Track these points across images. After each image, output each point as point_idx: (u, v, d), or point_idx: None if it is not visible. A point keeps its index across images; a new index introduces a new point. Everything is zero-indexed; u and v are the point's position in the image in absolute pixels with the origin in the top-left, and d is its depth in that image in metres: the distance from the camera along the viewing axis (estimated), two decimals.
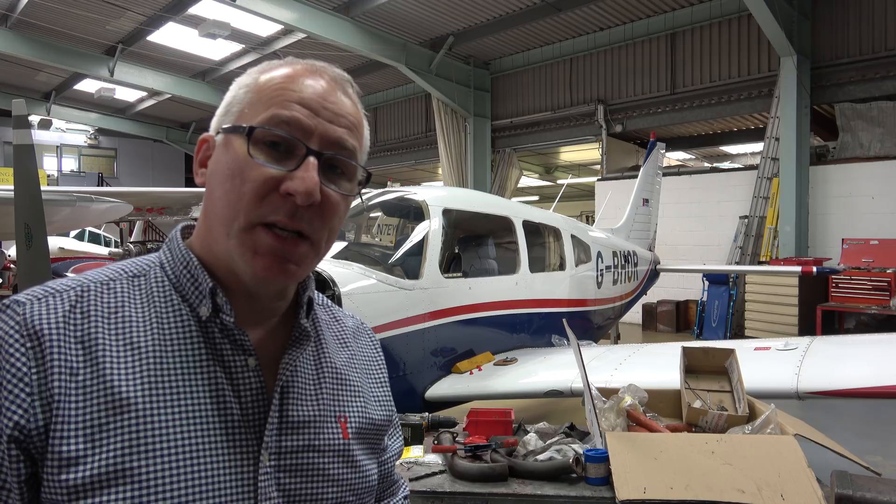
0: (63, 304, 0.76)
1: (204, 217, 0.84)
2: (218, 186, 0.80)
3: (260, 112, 0.80)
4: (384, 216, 5.91)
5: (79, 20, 13.84)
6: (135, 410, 0.72)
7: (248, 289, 0.82)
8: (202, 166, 0.86)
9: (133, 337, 0.76)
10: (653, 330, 12.05)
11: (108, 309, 0.78)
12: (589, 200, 16.70)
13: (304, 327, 0.87)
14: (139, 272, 0.84)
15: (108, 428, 0.71)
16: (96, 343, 0.74)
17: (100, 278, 0.81)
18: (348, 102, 0.85)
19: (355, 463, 0.89)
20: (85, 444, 0.70)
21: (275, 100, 0.80)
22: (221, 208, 0.80)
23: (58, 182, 21.81)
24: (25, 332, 0.72)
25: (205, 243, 0.84)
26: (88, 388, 0.72)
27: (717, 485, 2.17)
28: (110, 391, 0.72)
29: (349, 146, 0.83)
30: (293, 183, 0.76)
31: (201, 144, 0.86)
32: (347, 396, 0.93)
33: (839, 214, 10.52)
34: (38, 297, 0.76)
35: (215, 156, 0.83)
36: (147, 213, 12.18)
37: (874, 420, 5.70)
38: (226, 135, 0.81)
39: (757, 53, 11.61)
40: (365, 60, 15.23)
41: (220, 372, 0.79)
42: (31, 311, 0.74)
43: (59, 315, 0.75)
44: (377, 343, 1.09)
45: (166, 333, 0.78)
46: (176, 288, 0.82)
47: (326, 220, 0.81)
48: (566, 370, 4.07)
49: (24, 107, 4.27)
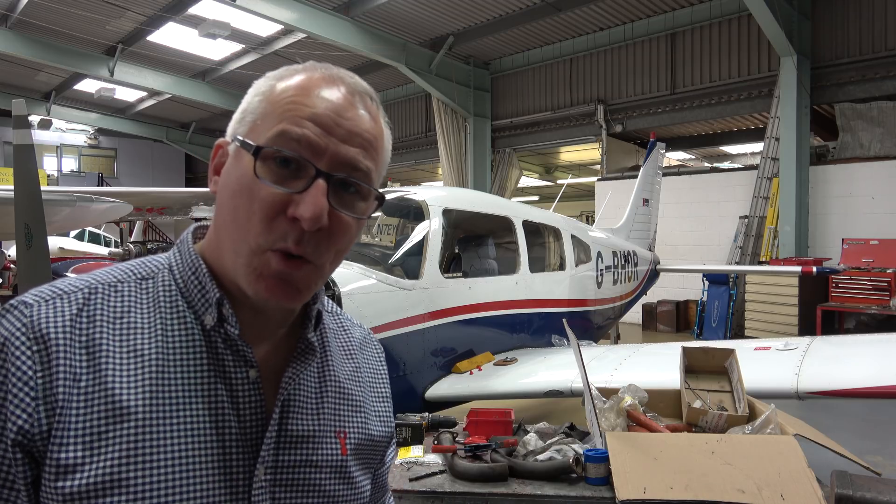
0: (70, 307, 0.75)
1: (214, 227, 0.83)
2: (227, 202, 0.79)
3: (271, 126, 0.77)
4: (384, 216, 5.91)
5: (79, 20, 13.84)
6: (134, 420, 0.72)
7: (255, 304, 0.81)
8: (216, 173, 0.84)
9: (137, 343, 0.76)
10: (653, 330, 12.05)
11: (113, 314, 0.77)
12: (589, 200, 16.69)
13: (310, 341, 0.85)
14: (148, 274, 0.83)
15: (107, 436, 0.71)
16: (100, 349, 0.74)
17: (108, 280, 0.80)
18: (366, 117, 0.80)
19: (351, 479, 0.88)
20: (83, 453, 0.70)
21: (286, 114, 0.76)
22: (230, 225, 0.78)
23: (58, 182, 21.81)
24: (32, 335, 0.72)
25: (215, 252, 0.83)
26: (90, 395, 0.71)
27: (717, 485, 2.17)
28: (111, 399, 0.72)
29: (363, 167, 0.79)
30: (300, 209, 0.74)
31: (217, 150, 0.84)
32: (348, 411, 0.91)
33: (839, 214, 10.51)
34: (45, 298, 0.75)
35: (227, 167, 0.81)
36: (147, 213, 12.18)
37: (874, 420, 5.70)
38: (237, 147, 0.79)
39: (757, 53, 11.61)
40: (365, 60, 15.23)
41: (220, 383, 0.78)
42: (38, 314, 0.73)
43: (66, 319, 0.74)
44: (382, 356, 1.06)
45: (170, 341, 0.78)
46: (183, 294, 0.81)
47: (333, 243, 0.78)
48: (566, 370, 4.07)
49: (24, 107, 4.27)
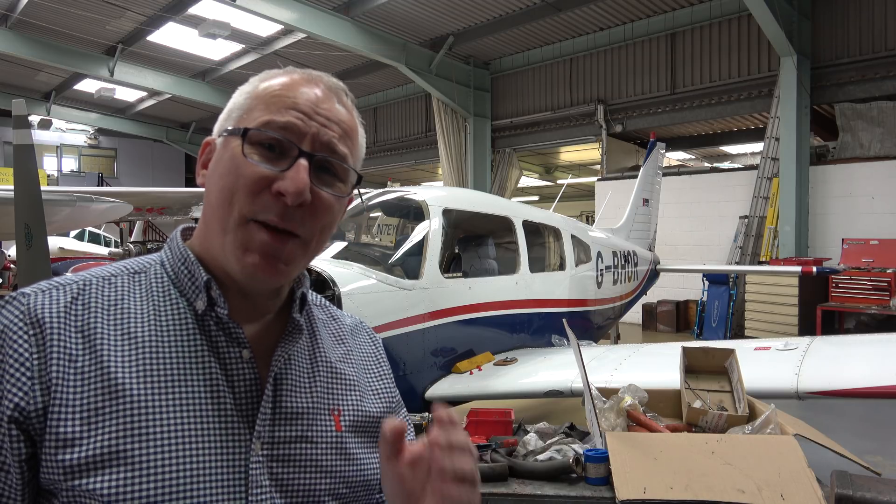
0: (65, 295, 0.81)
1: (203, 217, 0.89)
2: (215, 183, 0.85)
3: (257, 116, 0.84)
4: (384, 216, 5.91)
5: (79, 20, 13.84)
6: (130, 396, 0.76)
7: (242, 286, 0.86)
8: (204, 168, 0.91)
9: (131, 328, 0.81)
10: (653, 330, 12.05)
11: (108, 302, 0.82)
12: (589, 200, 16.70)
13: (297, 321, 0.90)
14: (140, 269, 0.89)
15: (105, 412, 0.75)
16: (95, 332, 0.79)
17: (102, 274, 0.86)
18: (342, 111, 0.89)
19: (349, 455, 0.91)
20: (82, 427, 0.74)
21: (271, 105, 0.85)
22: (217, 203, 0.84)
23: (58, 182, 21.81)
24: (28, 320, 0.77)
25: (204, 243, 0.88)
26: (87, 374, 0.76)
27: (717, 485, 2.17)
28: (107, 377, 0.76)
29: (340, 151, 0.87)
30: (284, 183, 0.80)
31: (204, 147, 0.91)
32: (341, 390, 0.95)
33: (839, 214, 10.51)
34: (42, 289, 0.81)
35: (216, 156, 0.88)
36: (147, 213, 12.19)
37: (874, 420, 5.70)
38: (225, 137, 0.86)
39: (757, 53, 11.61)
40: (365, 60, 15.23)
41: (214, 363, 0.82)
42: (34, 302, 0.79)
43: (61, 305, 0.79)
44: (377, 340, 1.12)
45: (163, 325, 0.82)
46: (174, 284, 0.87)
47: (318, 219, 0.85)
48: (566, 370, 4.07)
49: (24, 107, 4.27)
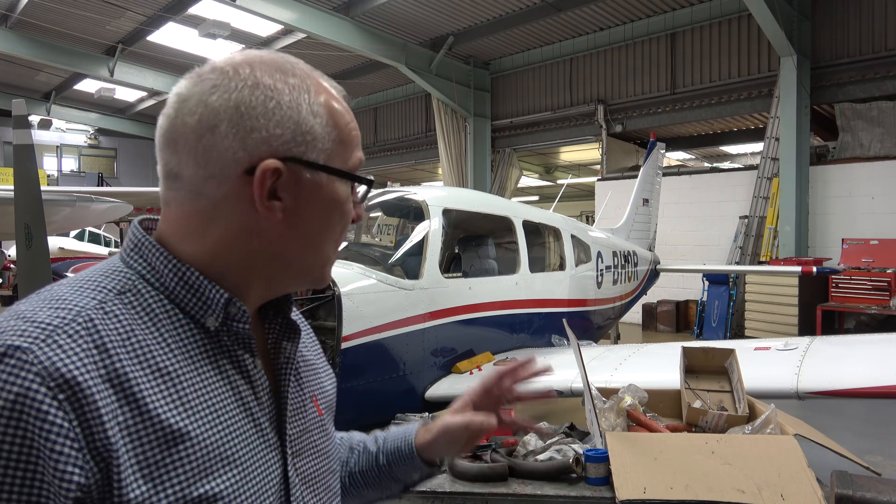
0: (74, 341, 0.67)
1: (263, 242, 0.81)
2: (319, 218, 0.83)
3: (347, 154, 0.84)
4: (384, 216, 5.91)
5: (79, 20, 13.84)
6: (188, 439, 0.71)
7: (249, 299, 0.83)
8: (276, 198, 0.78)
9: (156, 361, 0.72)
10: (653, 330, 12.05)
11: (120, 337, 0.70)
12: (589, 200, 16.69)
13: (294, 322, 0.91)
14: (122, 288, 0.76)
15: (167, 462, 0.69)
16: (126, 377, 0.68)
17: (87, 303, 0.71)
18: None
19: (329, 434, 0.97)
20: (148, 485, 0.67)
21: (351, 142, 0.85)
22: (318, 239, 0.84)
23: (58, 182, 21.83)
24: (52, 383, 0.63)
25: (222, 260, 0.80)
26: (134, 428, 0.67)
27: (717, 485, 2.17)
28: (158, 425, 0.69)
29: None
30: (359, 211, 0.89)
31: (265, 174, 0.76)
32: (312, 376, 0.98)
33: (839, 214, 10.51)
34: (36, 337, 0.65)
35: (314, 189, 0.80)
36: (147, 213, 12.17)
37: (874, 420, 5.69)
38: (324, 174, 0.81)
39: (757, 53, 11.61)
40: (365, 60, 15.23)
41: (240, 379, 0.81)
42: (45, 358, 0.64)
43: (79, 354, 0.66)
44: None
45: (185, 351, 0.76)
46: (171, 300, 0.77)
47: None
48: (566, 370, 4.06)
49: (24, 107, 4.27)
